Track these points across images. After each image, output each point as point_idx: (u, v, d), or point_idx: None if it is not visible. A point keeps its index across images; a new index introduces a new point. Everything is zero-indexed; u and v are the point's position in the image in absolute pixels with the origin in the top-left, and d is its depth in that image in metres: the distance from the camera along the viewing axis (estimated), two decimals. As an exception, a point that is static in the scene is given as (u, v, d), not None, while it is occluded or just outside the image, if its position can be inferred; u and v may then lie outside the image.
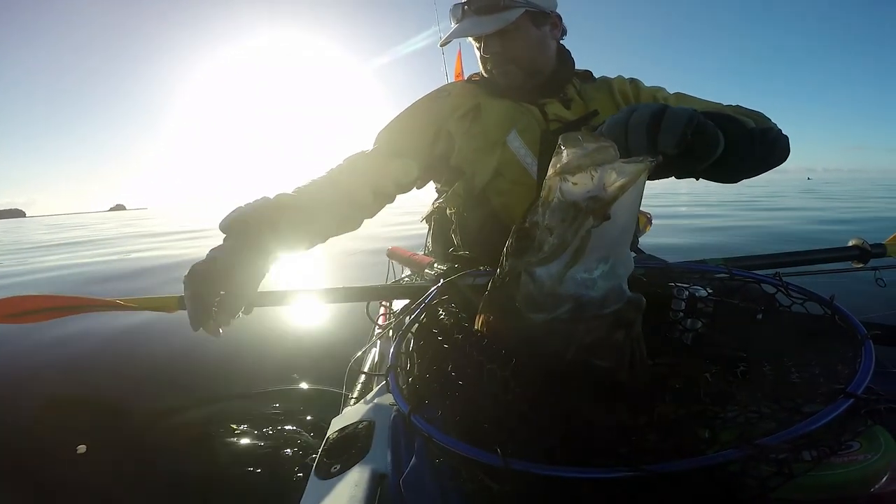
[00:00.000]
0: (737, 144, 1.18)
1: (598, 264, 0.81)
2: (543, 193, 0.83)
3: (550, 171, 0.82)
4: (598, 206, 0.76)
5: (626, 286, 0.85)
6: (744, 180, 1.42)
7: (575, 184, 0.77)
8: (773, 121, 1.54)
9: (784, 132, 1.49)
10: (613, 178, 0.76)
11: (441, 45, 1.96)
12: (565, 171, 0.79)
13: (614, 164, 0.77)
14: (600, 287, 0.82)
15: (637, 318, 0.85)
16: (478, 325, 0.96)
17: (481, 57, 1.89)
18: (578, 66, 2.08)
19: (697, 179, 1.24)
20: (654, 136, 0.99)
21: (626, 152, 0.97)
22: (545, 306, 0.83)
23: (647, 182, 0.82)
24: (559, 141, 0.82)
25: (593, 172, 0.77)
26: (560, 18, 1.96)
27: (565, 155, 0.80)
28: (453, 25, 1.90)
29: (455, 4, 1.86)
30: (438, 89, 2.05)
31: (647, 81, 2.01)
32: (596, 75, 2.09)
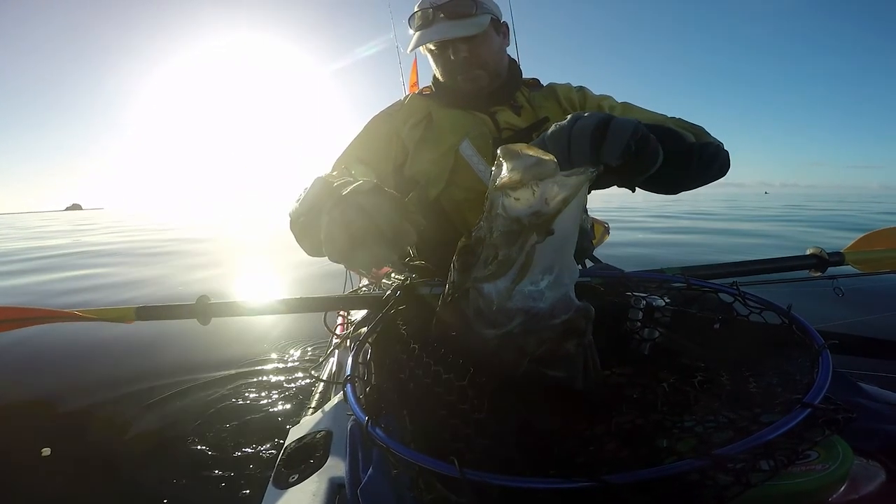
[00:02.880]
0: (676, 158, 1.19)
1: (543, 276, 0.80)
2: (486, 207, 0.82)
3: (491, 184, 0.81)
4: (540, 222, 0.75)
5: (573, 294, 0.85)
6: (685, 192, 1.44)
7: (517, 199, 0.77)
8: (712, 136, 1.58)
9: (725, 147, 1.52)
10: (555, 192, 0.75)
11: (410, 51, 1.97)
12: (506, 187, 0.78)
13: (555, 178, 0.76)
14: (548, 298, 0.81)
15: (587, 327, 0.85)
16: (433, 335, 0.96)
17: (446, 63, 1.90)
18: (533, 73, 2.11)
19: (633, 191, 1.25)
20: (598, 147, 0.98)
21: (568, 161, 0.98)
22: (496, 322, 0.83)
23: (605, 191, 0.82)
24: (498, 153, 0.81)
25: (534, 187, 0.76)
26: (508, 28, 2.01)
27: (505, 169, 0.79)
28: (413, 33, 1.91)
29: (421, 10, 1.86)
30: (385, 109, 2.08)
31: (600, 91, 2.04)
32: (544, 82, 2.13)
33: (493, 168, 0.82)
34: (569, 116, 1.05)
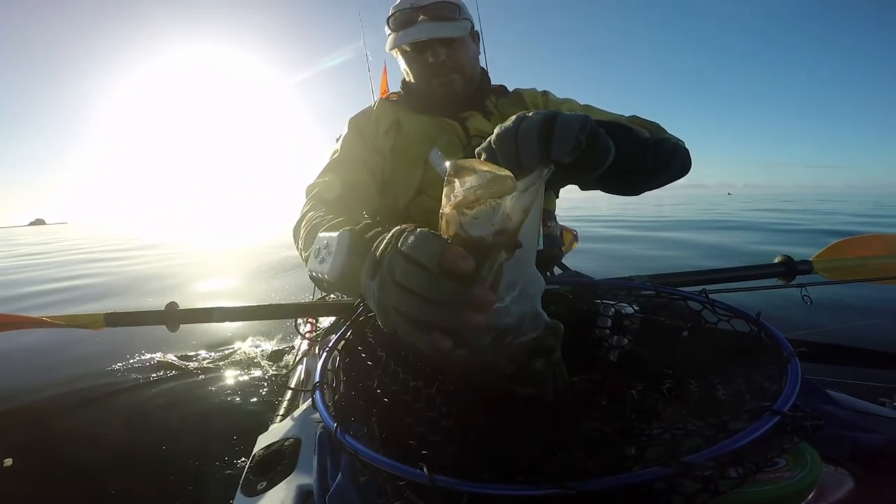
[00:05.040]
0: (629, 153, 1.16)
1: (508, 291, 0.78)
2: (442, 226, 0.79)
3: (444, 201, 0.79)
4: (507, 239, 0.73)
5: (540, 308, 0.84)
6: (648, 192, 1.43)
7: (476, 218, 0.74)
8: (669, 132, 1.56)
9: (684, 144, 1.50)
10: (514, 204, 0.73)
11: (389, 50, 1.96)
12: (463, 206, 0.75)
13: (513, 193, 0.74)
14: (515, 313, 0.79)
15: (556, 345, 0.84)
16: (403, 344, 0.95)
17: (422, 65, 1.90)
18: (502, 80, 2.13)
19: (583, 189, 1.24)
20: (547, 144, 0.94)
21: (518, 163, 0.95)
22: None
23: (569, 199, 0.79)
24: (448, 169, 0.79)
25: (493, 203, 0.74)
26: (479, 37, 2.05)
27: (458, 186, 0.77)
28: (390, 33, 1.91)
29: (401, 10, 1.87)
30: (359, 113, 2.08)
31: (564, 95, 2.06)
32: (511, 88, 2.16)
33: (445, 185, 0.79)
34: (513, 117, 1.01)
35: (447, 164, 0.79)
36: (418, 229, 0.78)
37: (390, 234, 0.83)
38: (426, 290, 0.71)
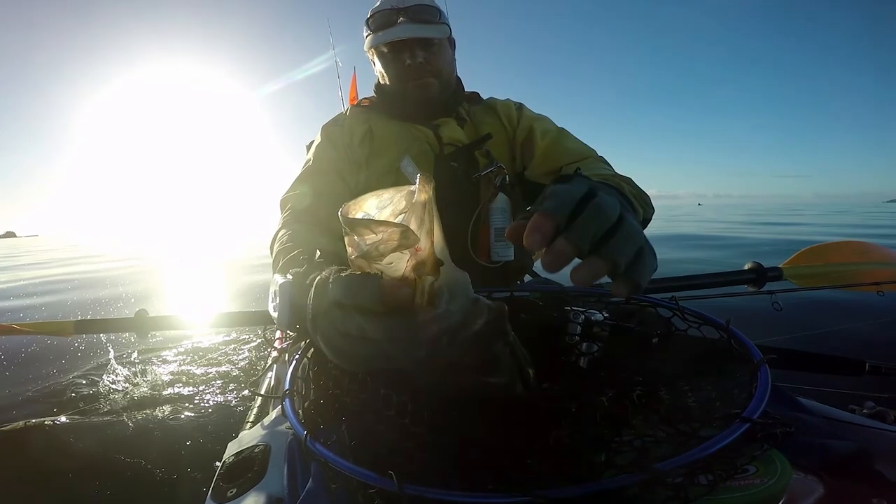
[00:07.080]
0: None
1: (438, 298, 0.78)
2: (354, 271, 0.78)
3: (350, 249, 0.77)
4: (429, 268, 0.73)
5: (473, 294, 0.83)
6: None
7: (390, 264, 0.74)
8: (648, 196, 1.58)
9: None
10: (418, 238, 0.73)
11: (367, 49, 1.95)
12: (372, 258, 0.75)
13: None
14: (455, 312, 0.79)
15: (506, 324, 0.84)
16: None
17: (399, 67, 1.90)
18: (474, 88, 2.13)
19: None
20: (603, 242, 0.72)
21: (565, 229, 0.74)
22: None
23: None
24: (343, 225, 0.74)
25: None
26: (455, 44, 2.04)
27: (359, 241, 0.75)
28: (368, 33, 1.91)
29: (381, 11, 1.87)
30: (332, 120, 2.07)
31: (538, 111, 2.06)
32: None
33: (345, 235, 0.76)
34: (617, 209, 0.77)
35: (344, 223, 0.78)
36: (341, 275, 0.79)
37: (314, 285, 0.82)
38: (372, 333, 0.74)
